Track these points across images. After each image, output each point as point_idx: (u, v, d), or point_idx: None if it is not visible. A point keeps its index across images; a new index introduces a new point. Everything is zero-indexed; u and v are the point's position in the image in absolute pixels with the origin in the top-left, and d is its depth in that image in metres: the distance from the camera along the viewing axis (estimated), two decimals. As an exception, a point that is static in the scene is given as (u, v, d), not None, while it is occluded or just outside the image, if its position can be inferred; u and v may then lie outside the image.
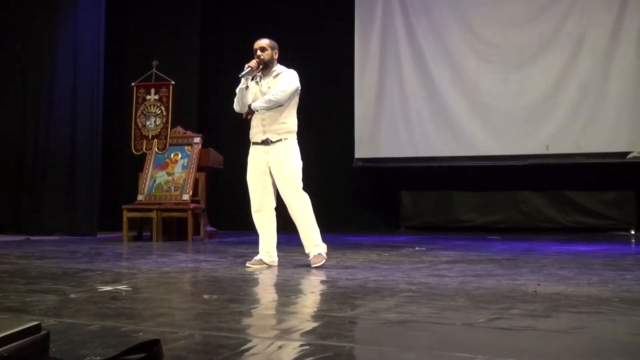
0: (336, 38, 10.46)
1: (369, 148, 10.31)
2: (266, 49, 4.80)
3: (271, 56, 4.83)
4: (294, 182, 4.73)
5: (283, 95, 4.72)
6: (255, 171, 4.78)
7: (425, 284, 3.61)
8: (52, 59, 8.89)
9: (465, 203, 10.38)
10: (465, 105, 9.89)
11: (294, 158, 4.77)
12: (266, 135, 4.74)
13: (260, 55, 4.78)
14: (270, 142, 4.73)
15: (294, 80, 4.80)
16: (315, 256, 4.68)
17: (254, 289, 3.49)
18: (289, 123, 4.79)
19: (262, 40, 4.87)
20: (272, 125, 4.74)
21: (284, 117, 4.76)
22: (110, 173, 9.61)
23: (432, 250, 6.25)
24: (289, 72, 4.86)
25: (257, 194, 4.78)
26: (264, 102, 4.72)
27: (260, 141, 4.76)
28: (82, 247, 6.58)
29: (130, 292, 3.24)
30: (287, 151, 4.74)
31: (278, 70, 4.87)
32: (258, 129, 4.79)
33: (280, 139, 4.74)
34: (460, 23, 9.95)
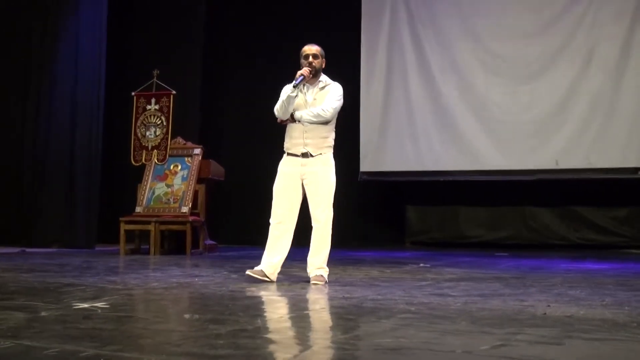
0: (342, 49, 10.24)
1: (374, 161, 10.10)
2: (318, 56, 4.65)
3: (321, 65, 4.67)
4: (328, 199, 4.59)
5: (332, 112, 4.61)
6: (286, 182, 4.62)
7: (426, 304, 3.37)
8: (52, 68, 8.73)
9: (472, 218, 10.15)
10: (472, 119, 9.67)
11: (331, 174, 4.64)
12: (307, 148, 4.58)
13: (313, 62, 4.61)
14: (311, 155, 4.58)
15: (341, 97, 4.69)
16: (317, 276, 4.52)
17: (239, 309, 3.26)
18: (330, 138, 4.67)
19: (313, 46, 4.70)
20: (315, 138, 4.59)
21: (326, 132, 4.63)
22: (109, 184, 9.42)
23: (437, 267, 6.01)
24: (336, 86, 4.72)
25: (283, 205, 4.60)
26: (312, 116, 4.57)
27: (299, 153, 4.60)
28: (76, 260, 6.38)
29: (106, 310, 3.02)
30: (325, 166, 4.61)
31: (325, 81, 4.71)
32: (298, 140, 4.61)
33: (321, 153, 4.60)
34: (467, 35, 9.76)
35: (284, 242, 4.60)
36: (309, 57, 4.61)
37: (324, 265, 4.57)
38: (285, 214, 4.58)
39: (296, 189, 4.58)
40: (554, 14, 9.39)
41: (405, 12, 10.07)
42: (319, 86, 4.66)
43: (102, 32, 8.75)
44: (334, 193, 4.62)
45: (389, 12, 10.14)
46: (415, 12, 10.02)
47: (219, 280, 4.58)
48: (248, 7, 10.73)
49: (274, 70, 10.75)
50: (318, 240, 4.55)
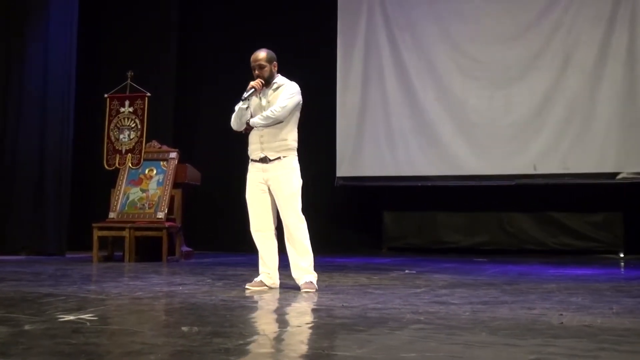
0: (318, 53, 10.14)
1: (350, 166, 9.97)
2: (264, 65, 4.51)
3: (270, 71, 4.54)
4: (292, 203, 4.42)
5: (282, 112, 4.42)
6: (254, 190, 4.50)
7: (433, 313, 3.22)
8: (20, 69, 8.41)
9: (449, 224, 10.06)
10: (450, 123, 9.59)
11: (293, 177, 4.46)
12: (264, 152, 4.45)
13: (260, 74, 4.49)
14: (269, 160, 4.45)
15: (294, 95, 4.51)
16: (306, 283, 4.37)
17: (240, 320, 3.07)
18: (289, 140, 4.49)
19: (259, 54, 4.55)
20: (271, 142, 4.45)
21: (283, 134, 4.46)
22: (80, 189, 9.11)
23: (423, 274, 5.88)
24: (290, 85, 4.57)
25: (257, 213, 4.50)
26: (261, 119, 4.43)
27: (258, 159, 4.48)
28: (48, 268, 6.10)
29: (95, 323, 2.81)
30: (286, 170, 4.44)
31: (279, 82, 4.58)
32: (256, 145, 4.50)
33: (279, 156, 4.44)
34: (444, 39, 9.68)
35: (270, 248, 4.50)
36: (255, 69, 4.51)
37: (311, 269, 4.44)
38: (260, 221, 4.49)
39: (263, 194, 4.47)
40: (531, 18, 9.37)
41: (381, 16, 9.97)
42: (272, 88, 4.55)
43: (72, 31, 8.48)
44: (302, 196, 4.45)
45: (366, 15, 10.02)
46: (391, 15, 9.92)
47: (205, 289, 4.38)
48: (223, 10, 10.52)
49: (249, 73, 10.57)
50: (293, 245, 4.42)
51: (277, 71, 4.62)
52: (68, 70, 8.42)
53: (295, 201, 4.42)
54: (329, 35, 9.95)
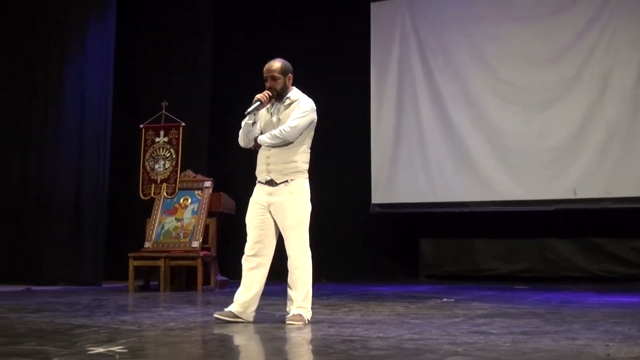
0: (352, 79, 10.14)
1: (386, 193, 9.87)
2: (278, 77, 4.14)
3: (284, 84, 4.16)
4: (297, 234, 4.05)
5: (292, 132, 4.05)
6: (255, 213, 4.13)
7: (472, 344, 3.10)
8: (58, 101, 8.56)
9: (488, 251, 9.88)
10: (486, 148, 9.46)
11: (300, 203, 4.08)
12: (270, 175, 4.10)
13: (272, 85, 4.13)
14: (275, 183, 4.09)
15: (308, 113, 4.13)
16: (295, 315, 4.01)
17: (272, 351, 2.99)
18: (298, 162, 4.12)
19: (272, 64, 4.19)
20: (278, 163, 4.09)
21: (292, 155, 4.10)
22: (116, 219, 9.17)
23: (462, 302, 5.74)
24: (305, 101, 4.19)
25: (254, 238, 4.11)
26: (269, 139, 4.09)
27: (264, 181, 4.14)
28: (84, 298, 6.11)
29: (125, 356, 2.76)
30: (293, 195, 4.07)
31: (292, 97, 4.19)
32: (262, 167, 4.16)
33: (287, 180, 4.08)
34: (479, 63, 9.60)
35: (256, 277, 4.10)
36: (267, 79, 4.15)
37: (304, 304, 4.05)
38: (256, 246, 4.10)
39: (266, 219, 4.10)
40: (568, 41, 9.21)
41: (415, 41, 9.93)
42: (285, 103, 4.18)
43: (109, 62, 8.61)
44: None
45: (399, 41, 10.00)
46: (425, 41, 9.88)
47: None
48: (256, 39, 10.60)
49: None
50: (292, 277, 4.05)
51: (291, 84, 4.25)
52: (104, 101, 8.53)
53: (301, 231, 4.06)
54: (362, 61, 9.95)
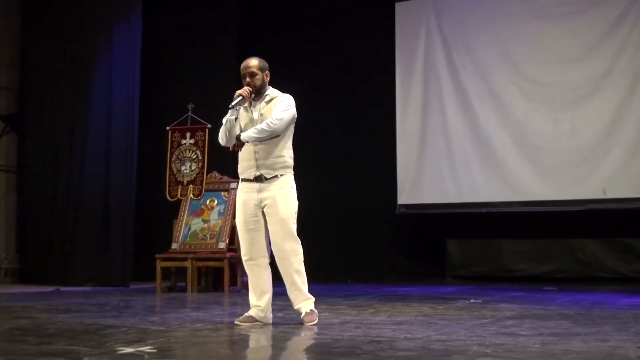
0: (376, 79, 10.12)
1: (412, 194, 9.81)
2: (256, 73, 4.12)
3: (262, 80, 4.15)
4: (289, 225, 4.05)
5: (279, 124, 4.04)
6: (245, 213, 4.10)
7: (500, 345, 3.07)
8: (86, 104, 8.67)
9: (516, 251, 9.75)
10: (513, 148, 9.35)
11: (291, 198, 4.10)
12: (260, 171, 4.07)
13: (251, 81, 4.11)
14: (265, 179, 4.07)
15: (291, 107, 4.14)
16: (308, 314, 4.06)
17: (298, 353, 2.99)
18: (286, 156, 4.14)
19: (250, 61, 4.18)
20: (267, 159, 4.07)
21: (279, 150, 4.10)
22: (144, 220, 9.25)
23: (490, 303, 5.68)
24: (285, 97, 4.20)
25: (248, 239, 4.10)
26: (255, 133, 4.02)
27: (252, 178, 4.10)
28: (112, 299, 6.16)
29: (154, 356, 2.77)
30: (283, 189, 4.08)
31: (271, 94, 4.20)
32: (250, 163, 4.11)
33: (277, 175, 4.08)
34: (505, 62, 9.49)
35: (263, 280, 4.11)
36: (246, 76, 4.13)
37: (308, 295, 4.10)
38: (251, 249, 4.10)
39: (257, 218, 4.08)
40: (596, 38, 9.08)
41: (440, 40, 9.86)
42: (265, 100, 4.17)
43: (135, 65, 8.69)
44: (297, 218, 4.09)
45: (424, 40, 9.93)
46: (450, 39, 9.80)
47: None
48: (280, 40, 10.64)
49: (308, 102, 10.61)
50: (287, 271, 4.03)
51: (269, 82, 4.25)
52: (131, 103, 8.61)
53: (292, 224, 4.07)
54: (387, 61, 9.92)
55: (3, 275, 8.87)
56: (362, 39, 10.28)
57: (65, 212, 8.58)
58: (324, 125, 10.29)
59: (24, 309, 5.00)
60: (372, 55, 10.20)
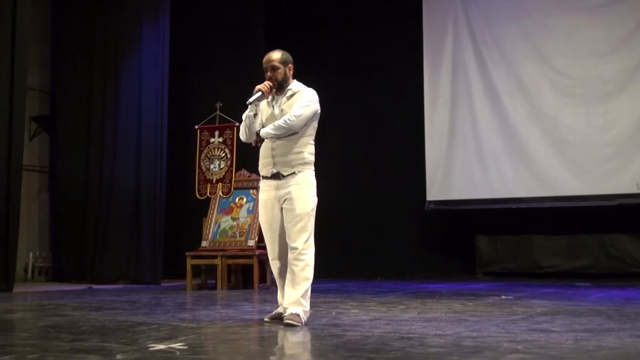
0: (404, 74, 10.07)
1: (441, 190, 9.76)
2: (278, 67, 3.99)
3: (284, 74, 4.02)
4: (303, 224, 3.89)
5: (297, 121, 3.90)
6: (267, 212, 4.02)
7: (532, 341, 3.04)
8: (116, 105, 8.77)
9: (547, 247, 9.66)
10: (544, 143, 9.26)
11: (308, 195, 3.94)
12: (277, 168, 3.94)
13: (272, 76, 3.99)
14: (282, 176, 3.93)
15: (312, 103, 3.99)
16: (292, 314, 3.81)
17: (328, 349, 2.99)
18: (305, 153, 3.97)
19: (272, 54, 4.05)
20: (285, 155, 3.93)
21: (298, 146, 3.95)
22: (174, 219, 9.34)
23: (521, 299, 5.63)
24: (307, 91, 4.05)
25: (272, 239, 4.02)
26: (272, 129, 3.91)
27: (270, 175, 3.99)
28: (144, 296, 6.23)
29: (185, 352, 2.80)
30: (301, 186, 3.93)
31: (294, 88, 4.05)
32: (267, 160, 4.00)
33: (294, 172, 3.93)
34: (534, 56, 9.39)
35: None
36: (267, 70, 4.00)
37: (302, 301, 3.86)
38: (275, 248, 4.01)
39: (277, 216, 3.98)
40: (628, 30, 8.95)
41: (468, 34, 9.78)
42: (287, 95, 4.03)
43: (164, 66, 8.75)
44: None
45: (452, 35, 9.87)
46: (478, 34, 9.73)
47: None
48: (306, 35, 10.66)
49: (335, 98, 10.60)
50: (293, 270, 3.87)
51: (292, 76, 4.10)
52: (160, 102, 8.68)
53: (306, 222, 3.90)
54: (414, 56, 9.87)
55: (37, 274, 9.02)
56: (389, 34, 10.25)
57: (97, 211, 8.69)
58: (352, 122, 10.28)
59: (58, 307, 5.07)
60: (399, 50, 10.16)
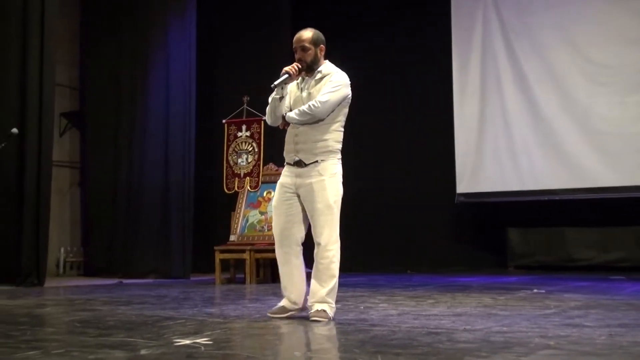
0: (433, 65, 9.95)
1: (471, 182, 9.64)
2: (308, 47, 3.78)
3: (315, 55, 3.81)
4: (327, 218, 3.71)
5: (322, 107, 3.70)
6: (281, 196, 3.84)
7: (565, 337, 2.95)
8: (144, 100, 8.79)
9: (580, 240, 9.49)
10: (576, 133, 9.07)
11: (330, 186, 3.74)
12: (299, 155, 3.77)
13: (302, 57, 3.79)
14: (304, 164, 3.75)
15: (341, 88, 3.78)
16: (319, 311, 3.70)
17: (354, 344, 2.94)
18: (330, 141, 3.78)
19: (303, 34, 3.83)
20: (307, 143, 3.75)
21: (323, 134, 3.75)
22: (203, 213, 9.35)
23: (553, 293, 5.52)
24: (338, 75, 3.84)
25: (280, 224, 3.84)
26: (297, 115, 3.73)
27: (292, 162, 3.82)
28: (172, 291, 6.24)
29: (210, 348, 2.77)
30: (323, 176, 3.73)
31: (324, 71, 3.84)
32: (290, 146, 3.83)
33: (317, 160, 3.74)
34: (566, 44, 9.20)
35: (295, 269, 3.85)
36: (297, 50, 3.80)
37: (328, 299, 3.75)
38: (283, 234, 3.83)
39: (293, 203, 3.80)
40: (664, 17, 8.73)
41: (497, 23, 9.63)
42: (315, 78, 3.83)
43: (191, 59, 8.77)
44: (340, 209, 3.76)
45: (481, 24, 9.72)
46: (508, 22, 9.56)
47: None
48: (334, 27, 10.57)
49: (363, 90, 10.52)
50: (318, 267, 3.73)
51: (324, 57, 3.89)
52: (187, 97, 8.70)
53: (331, 216, 3.72)
54: (443, 46, 9.74)
55: (69, 269, 9.12)
56: (417, 25, 10.14)
57: (126, 206, 8.74)
58: (381, 114, 10.20)
59: (87, 301, 5.10)
60: (428, 40, 10.04)
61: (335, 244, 3.75)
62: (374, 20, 10.50)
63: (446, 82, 9.71)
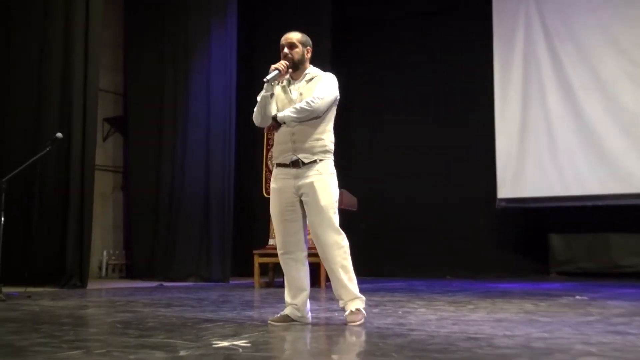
0: (474, 69, 9.87)
1: (513, 187, 9.52)
2: (296, 45, 3.77)
3: (302, 55, 3.79)
4: (329, 215, 3.67)
5: (321, 103, 3.67)
6: (280, 202, 3.77)
7: (607, 344, 2.89)
8: (185, 106, 8.93)
9: (625, 246, 9.29)
10: (621, 137, 8.90)
11: (330, 185, 3.73)
12: (297, 154, 3.70)
13: (289, 54, 3.76)
14: (302, 163, 3.70)
15: (334, 87, 3.77)
16: (353, 312, 3.70)
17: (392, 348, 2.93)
18: (326, 140, 3.76)
19: (291, 33, 3.84)
20: (305, 142, 3.69)
21: (319, 132, 3.73)
22: (243, 217, 9.43)
23: (597, 300, 5.41)
24: (327, 75, 3.82)
25: (283, 231, 3.78)
26: (294, 112, 3.66)
27: (289, 162, 3.73)
28: (212, 294, 6.30)
29: (248, 350, 2.79)
30: (323, 175, 3.70)
31: (312, 73, 3.83)
32: (286, 146, 3.73)
33: (315, 159, 3.70)
34: (611, 47, 9.04)
35: (299, 276, 3.78)
36: (284, 47, 3.77)
37: (356, 293, 3.73)
38: (287, 241, 3.77)
39: (293, 207, 3.74)
40: None
41: (540, 27, 9.51)
42: (305, 79, 3.80)
43: (232, 65, 8.85)
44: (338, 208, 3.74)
45: (523, 28, 9.62)
46: (551, 26, 9.43)
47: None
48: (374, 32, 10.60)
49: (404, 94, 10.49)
50: (331, 267, 3.70)
51: (310, 61, 3.87)
52: (228, 104, 8.78)
53: (333, 213, 3.69)
54: (484, 49, 9.65)
55: (111, 271, 9.28)
56: (458, 26, 10.09)
57: (168, 210, 8.86)
58: (421, 118, 10.16)
59: (128, 303, 5.18)
60: (469, 43, 9.98)
61: (344, 239, 3.73)
62: (414, 25, 10.48)
63: (487, 86, 9.62)
